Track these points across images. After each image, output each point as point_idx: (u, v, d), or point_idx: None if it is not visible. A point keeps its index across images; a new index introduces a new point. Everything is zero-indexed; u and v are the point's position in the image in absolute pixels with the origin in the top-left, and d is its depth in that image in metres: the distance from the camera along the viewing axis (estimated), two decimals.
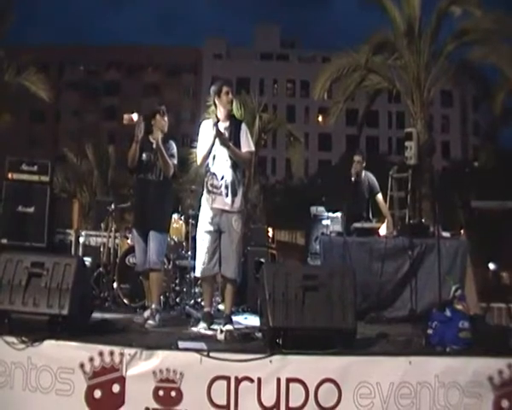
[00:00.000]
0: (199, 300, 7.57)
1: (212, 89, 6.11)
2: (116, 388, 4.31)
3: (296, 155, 21.00)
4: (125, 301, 7.65)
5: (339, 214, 8.23)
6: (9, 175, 8.33)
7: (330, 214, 8.39)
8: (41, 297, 4.64)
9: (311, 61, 57.42)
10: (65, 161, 28.80)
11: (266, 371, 4.33)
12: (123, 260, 7.88)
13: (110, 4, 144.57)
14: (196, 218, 6.51)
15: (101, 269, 8.42)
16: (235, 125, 6.07)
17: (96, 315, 5.88)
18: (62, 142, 47.68)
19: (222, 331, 5.27)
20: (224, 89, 6.02)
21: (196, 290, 7.77)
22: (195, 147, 6.73)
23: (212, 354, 4.34)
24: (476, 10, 13.87)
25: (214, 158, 5.92)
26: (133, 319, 6.28)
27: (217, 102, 6.08)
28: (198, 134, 6.14)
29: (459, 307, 5.14)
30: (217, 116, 6.05)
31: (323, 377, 4.32)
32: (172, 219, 7.60)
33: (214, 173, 5.91)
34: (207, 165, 5.96)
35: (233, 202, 5.88)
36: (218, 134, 5.83)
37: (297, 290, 4.65)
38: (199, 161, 6.08)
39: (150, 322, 5.94)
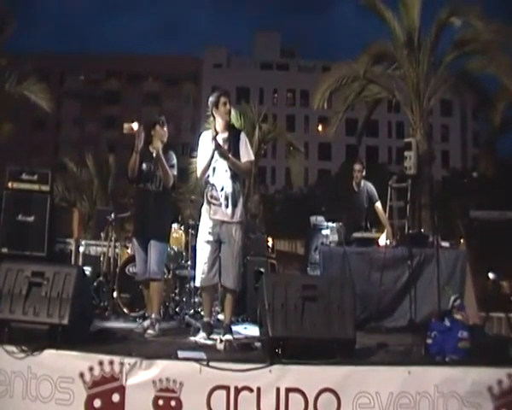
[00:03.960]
0: (198, 309, 7.56)
1: (210, 100, 6.10)
2: (116, 397, 4.31)
3: (296, 165, 21.01)
4: (125, 310, 7.66)
5: (338, 224, 8.24)
6: (9, 184, 8.32)
7: (330, 224, 8.39)
8: (41, 306, 4.65)
9: (310, 71, 57.56)
10: (65, 170, 28.77)
11: (266, 381, 4.33)
12: (123, 270, 7.89)
13: (110, 13, 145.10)
14: (196, 228, 6.51)
15: (101, 278, 8.43)
16: (234, 135, 6.07)
17: (96, 325, 5.89)
18: (62, 151, 47.70)
19: (221, 341, 5.28)
20: (222, 99, 6.02)
21: (196, 300, 7.77)
22: (195, 156, 6.74)
23: (211, 364, 4.35)
24: (476, 21, 13.91)
25: (214, 170, 5.93)
26: (133, 328, 6.28)
27: (215, 113, 6.07)
28: (198, 144, 6.16)
29: (458, 316, 5.16)
30: (215, 128, 6.04)
31: (323, 386, 4.32)
32: (172, 229, 7.61)
33: (214, 185, 5.92)
34: (207, 176, 5.97)
35: (233, 212, 5.88)
36: (217, 147, 5.84)
37: (296, 300, 4.66)
38: (198, 173, 6.09)
39: (150, 331, 5.95)
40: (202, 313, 6.74)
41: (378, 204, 8.52)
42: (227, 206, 5.89)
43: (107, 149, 44.10)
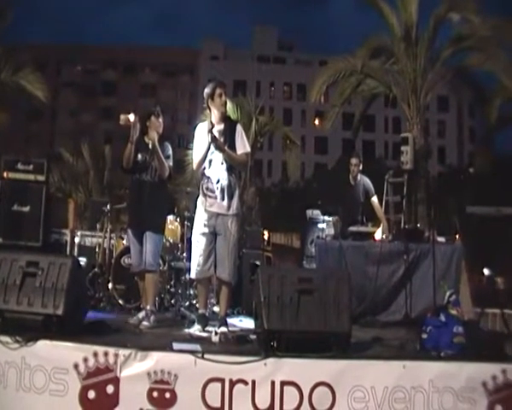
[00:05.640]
0: (194, 302, 7.56)
1: (206, 91, 6.05)
2: (110, 388, 4.30)
3: (292, 158, 20.94)
4: (120, 301, 7.65)
5: (334, 218, 8.24)
6: (5, 174, 8.31)
7: (326, 218, 8.40)
8: (35, 297, 4.63)
9: (308, 65, 57.55)
10: (61, 160, 28.68)
11: (261, 374, 4.33)
12: (118, 261, 7.87)
13: (107, 4, 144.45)
14: (192, 220, 6.50)
15: (96, 269, 8.41)
16: (229, 127, 6.03)
17: (91, 316, 5.87)
18: (58, 141, 47.52)
19: (216, 333, 5.27)
20: (218, 91, 5.98)
21: (191, 292, 7.76)
22: (191, 148, 6.70)
23: (206, 356, 4.34)
24: (474, 17, 13.88)
25: (210, 162, 5.90)
26: (128, 319, 6.25)
27: (210, 105, 6.03)
28: (194, 136, 6.13)
29: (453, 312, 5.16)
30: (211, 121, 5.98)
31: (318, 380, 4.32)
32: (168, 221, 7.60)
33: (209, 177, 5.89)
34: (203, 168, 5.94)
35: (229, 205, 5.86)
36: (213, 140, 5.80)
37: (292, 293, 4.65)
38: (194, 165, 6.06)
39: (145, 323, 5.94)
40: (197, 305, 6.73)
41: (374, 198, 8.51)
42: (223, 198, 5.87)
43: (104, 139, 44.07)
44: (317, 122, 58.65)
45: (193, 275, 6.03)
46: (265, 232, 10.88)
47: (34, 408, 4.32)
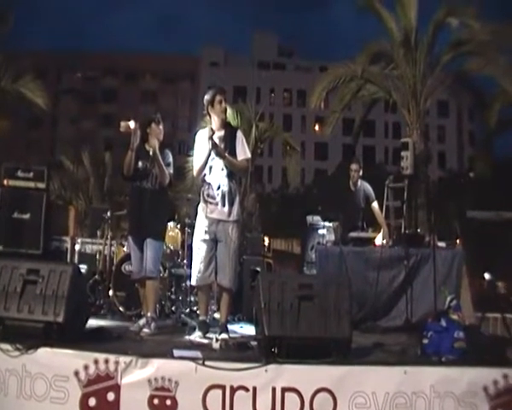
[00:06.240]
0: (194, 308, 7.55)
1: (205, 98, 6.07)
2: (111, 396, 4.30)
3: (292, 164, 20.91)
4: (121, 308, 7.63)
5: (335, 224, 8.24)
6: (5, 181, 8.32)
7: (326, 223, 8.39)
8: (36, 304, 4.63)
9: (308, 71, 57.62)
10: (61, 167, 28.71)
11: (261, 381, 4.32)
12: (119, 268, 7.85)
13: (108, 10, 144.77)
14: (192, 226, 6.50)
15: (96, 277, 8.40)
16: (230, 133, 6.04)
17: (92, 323, 5.87)
18: (59, 149, 47.52)
19: (217, 340, 5.27)
20: (217, 98, 6.00)
21: (192, 299, 7.76)
22: (192, 155, 6.71)
23: (207, 363, 4.34)
24: (473, 22, 13.91)
25: (210, 168, 5.91)
26: (129, 327, 6.25)
27: (210, 111, 6.05)
28: (194, 142, 6.14)
29: (454, 316, 5.16)
30: (211, 128, 5.98)
31: (319, 386, 4.32)
32: (168, 228, 7.60)
33: (210, 183, 5.90)
34: (204, 175, 5.94)
35: (230, 211, 5.87)
36: (214, 147, 5.81)
37: (292, 300, 4.65)
38: (195, 172, 6.07)
39: (145, 330, 5.93)
40: (198, 311, 6.72)
41: (375, 204, 8.51)
42: (223, 205, 5.87)
43: (104, 146, 44.06)
44: (317, 128, 58.66)
45: (193, 282, 6.03)
46: (266, 238, 10.89)
47: None
